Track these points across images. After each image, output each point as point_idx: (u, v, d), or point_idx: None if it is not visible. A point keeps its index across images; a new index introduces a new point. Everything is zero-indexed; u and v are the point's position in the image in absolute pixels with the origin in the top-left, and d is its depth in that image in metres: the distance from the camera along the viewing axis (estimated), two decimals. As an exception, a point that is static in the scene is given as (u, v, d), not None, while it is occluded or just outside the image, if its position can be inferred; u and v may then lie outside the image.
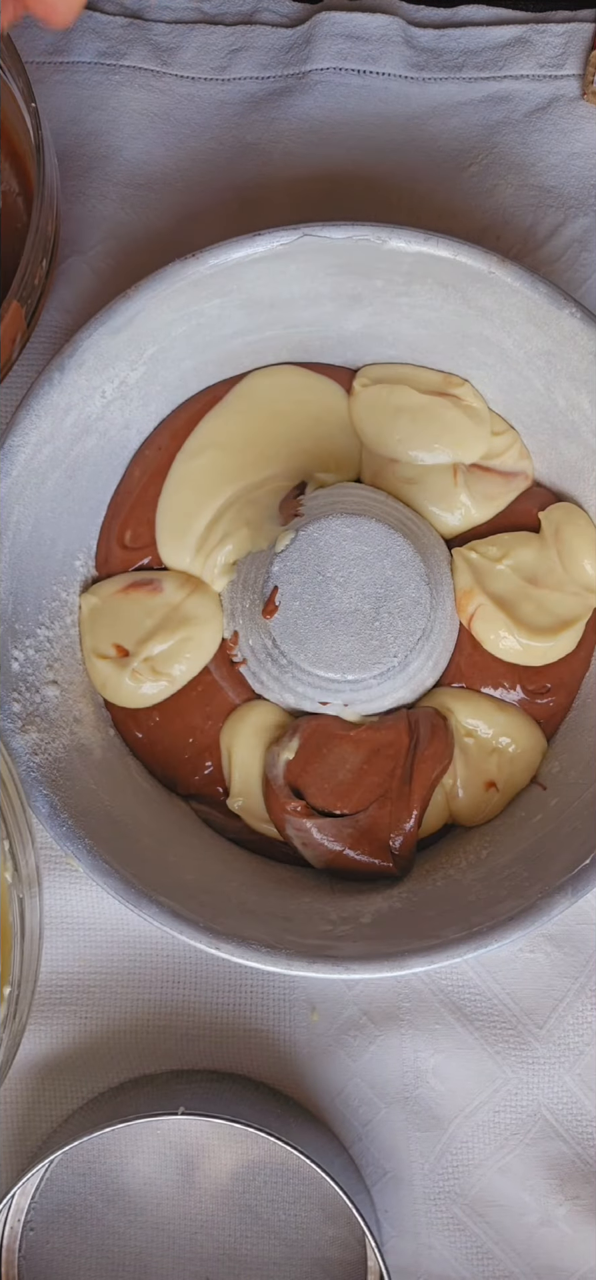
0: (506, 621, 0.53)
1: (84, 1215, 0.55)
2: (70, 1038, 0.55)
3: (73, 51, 0.61)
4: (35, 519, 0.53)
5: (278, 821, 0.53)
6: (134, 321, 0.52)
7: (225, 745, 0.54)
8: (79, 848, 0.49)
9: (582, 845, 0.49)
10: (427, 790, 0.52)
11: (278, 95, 0.61)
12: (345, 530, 0.53)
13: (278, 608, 0.52)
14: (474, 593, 0.54)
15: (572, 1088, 0.54)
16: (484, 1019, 0.55)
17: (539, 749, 0.54)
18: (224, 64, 0.61)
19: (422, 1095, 0.54)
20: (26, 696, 0.51)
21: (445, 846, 0.54)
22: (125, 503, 0.56)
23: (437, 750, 0.52)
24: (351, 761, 0.52)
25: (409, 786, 0.52)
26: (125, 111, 0.61)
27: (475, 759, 0.53)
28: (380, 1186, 0.54)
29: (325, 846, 0.52)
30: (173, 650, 0.54)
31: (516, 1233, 0.54)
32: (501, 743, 0.54)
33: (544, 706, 0.54)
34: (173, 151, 0.61)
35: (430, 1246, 0.54)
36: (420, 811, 0.52)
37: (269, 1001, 0.55)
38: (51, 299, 0.59)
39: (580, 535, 0.54)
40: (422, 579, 0.53)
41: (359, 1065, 0.55)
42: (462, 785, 0.53)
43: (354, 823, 0.52)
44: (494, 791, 0.53)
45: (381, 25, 0.61)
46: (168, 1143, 0.55)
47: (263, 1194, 0.54)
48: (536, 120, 0.61)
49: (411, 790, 0.52)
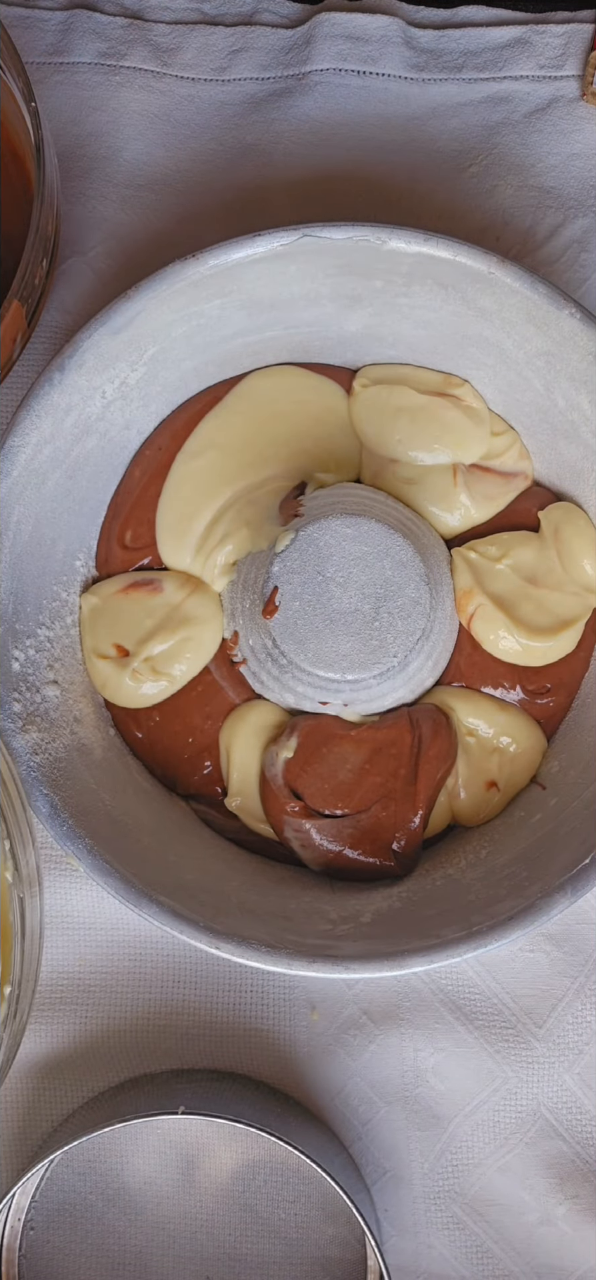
0: (506, 622, 0.53)
1: (84, 1214, 0.55)
2: (70, 1037, 0.55)
3: (73, 52, 0.61)
4: (36, 519, 0.53)
5: (275, 822, 0.53)
6: (134, 322, 0.52)
7: (224, 744, 0.54)
8: (79, 847, 0.49)
9: (582, 845, 0.49)
10: (433, 790, 0.52)
11: (278, 96, 0.61)
12: (345, 530, 0.53)
13: (278, 608, 0.52)
14: (473, 593, 0.54)
15: (572, 1087, 0.54)
16: (484, 1018, 0.55)
17: (539, 749, 0.54)
18: (224, 65, 0.61)
19: (422, 1094, 0.55)
20: (27, 696, 0.51)
21: (444, 846, 0.54)
22: (125, 503, 0.56)
23: (441, 749, 0.52)
24: (352, 761, 0.52)
25: (414, 786, 0.52)
26: (125, 112, 0.61)
27: (476, 758, 0.53)
28: (380, 1185, 0.54)
29: (324, 848, 0.52)
30: (173, 650, 0.54)
31: (516, 1232, 0.54)
32: (502, 742, 0.54)
33: (543, 706, 0.54)
34: (173, 152, 0.61)
35: (430, 1245, 0.54)
36: (426, 811, 0.52)
37: (269, 1001, 0.55)
38: (52, 299, 0.59)
39: (579, 535, 0.54)
40: (422, 579, 0.53)
41: (359, 1064, 0.55)
42: (464, 785, 0.53)
43: (355, 823, 0.52)
44: (495, 791, 0.53)
45: (381, 26, 0.61)
46: (168, 1142, 0.55)
47: (263, 1193, 0.54)
48: (536, 121, 0.61)
49: (416, 790, 0.52)
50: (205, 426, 0.56)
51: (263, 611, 0.53)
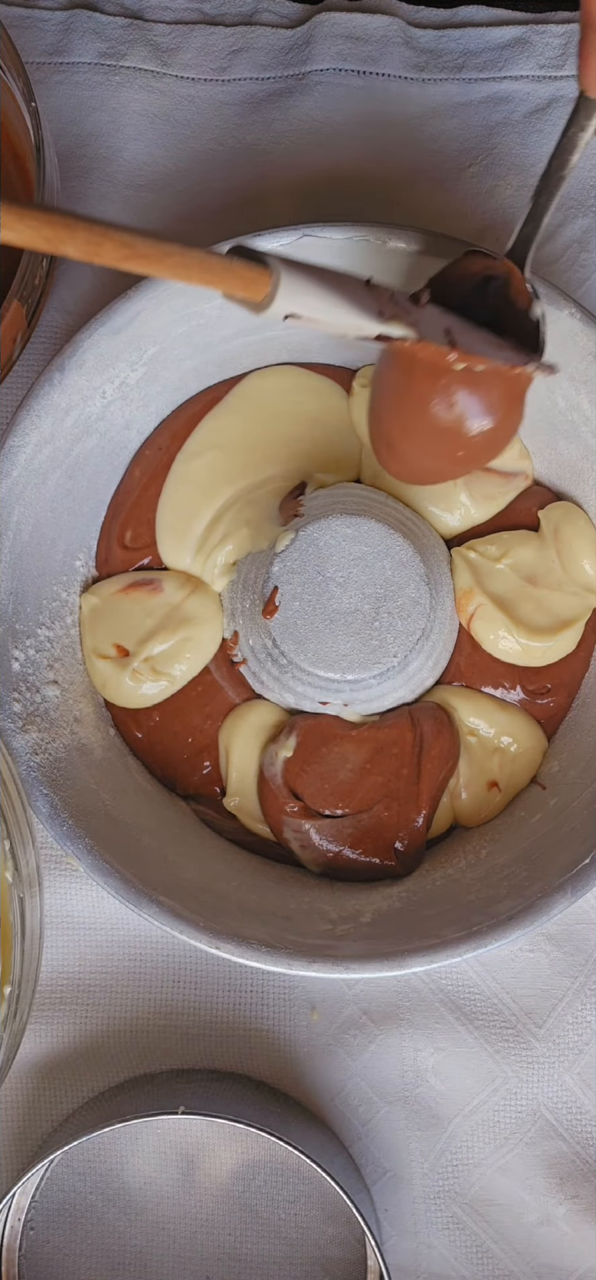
0: (506, 622, 0.53)
1: (84, 1214, 0.55)
2: (70, 1037, 0.55)
3: (73, 52, 0.61)
4: (36, 519, 0.53)
5: (274, 823, 0.53)
6: (134, 322, 0.52)
7: (223, 744, 0.54)
8: (79, 847, 0.49)
9: (582, 845, 0.49)
10: (438, 790, 0.52)
11: (278, 96, 0.61)
12: (345, 530, 0.53)
13: (278, 608, 0.52)
14: (473, 593, 0.54)
15: (572, 1087, 0.54)
16: (484, 1018, 0.55)
17: (540, 748, 0.54)
18: (224, 65, 0.61)
19: (422, 1094, 0.54)
20: (27, 696, 0.51)
21: (444, 846, 0.54)
22: (125, 503, 0.56)
23: (444, 748, 0.52)
24: (353, 761, 0.52)
25: (417, 786, 0.52)
26: (125, 112, 0.61)
27: (478, 758, 0.53)
28: (380, 1185, 0.54)
29: (324, 848, 0.52)
30: (173, 650, 0.54)
31: (516, 1232, 0.54)
32: (503, 742, 0.54)
33: (544, 707, 0.54)
34: (173, 152, 0.61)
35: (430, 1245, 0.54)
36: (430, 811, 0.52)
37: (269, 1001, 0.55)
38: (52, 299, 0.59)
39: (579, 535, 0.54)
40: (422, 579, 0.53)
41: (359, 1064, 0.55)
42: (465, 785, 0.53)
43: (355, 823, 0.52)
44: (496, 791, 0.53)
45: (381, 26, 0.61)
46: (168, 1142, 0.55)
47: (263, 1193, 0.54)
48: (536, 121, 0.61)
49: (420, 790, 0.52)
50: (205, 426, 0.56)
51: (263, 611, 0.53)
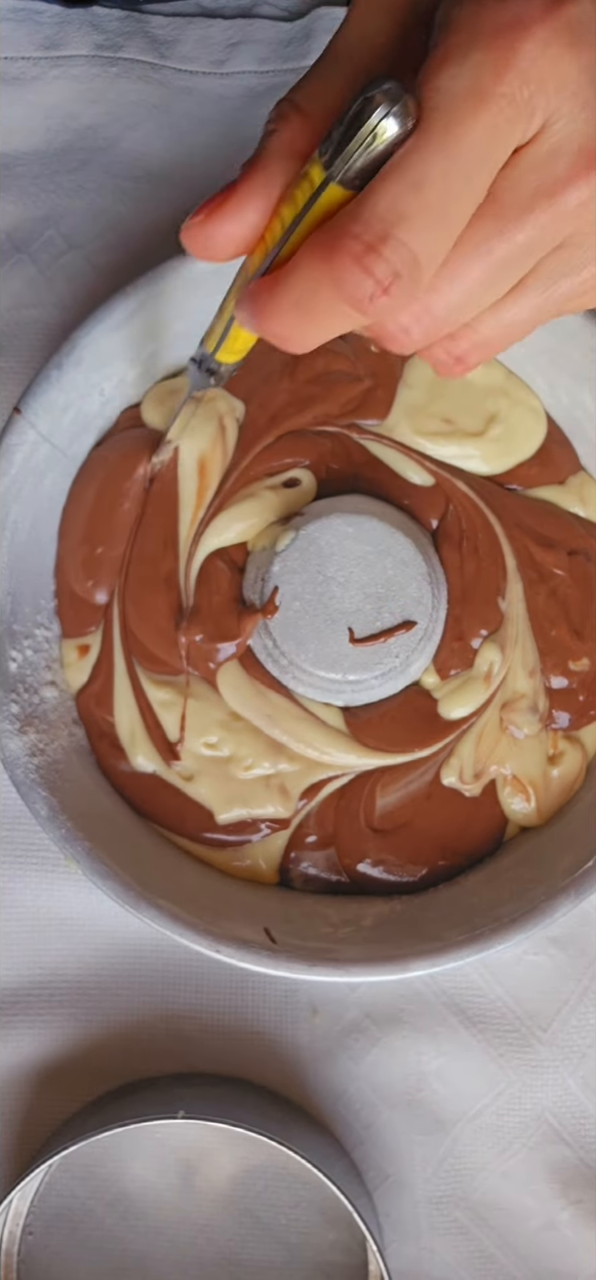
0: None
1: (83, 1219, 0.55)
2: (70, 1040, 0.55)
3: (70, 45, 0.61)
4: (33, 518, 0.52)
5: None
6: (132, 319, 0.52)
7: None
8: (78, 850, 0.48)
9: (585, 847, 0.49)
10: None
11: (277, 89, 0.60)
12: (346, 529, 0.52)
13: (278, 608, 0.52)
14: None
15: (576, 1091, 0.54)
16: (487, 1022, 0.54)
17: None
18: (223, 58, 0.61)
19: (425, 1099, 0.54)
20: (25, 698, 0.51)
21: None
22: (124, 501, 0.56)
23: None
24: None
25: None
26: (123, 104, 0.61)
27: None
28: (382, 1190, 0.54)
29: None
30: (172, 650, 0.54)
31: (519, 1237, 0.54)
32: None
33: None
34: (171, 145, 0.60)
35: (432, 1251, 0.54)
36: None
37: (270, 1004, 0.55)
38: (50, 296, 0.59)
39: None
40: (424, 578, 0.52)
41: (361, 1068, 0.54)
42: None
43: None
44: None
45: (381, 19, 0.60)
46: (167, 1147, 0.55)
47: (263, 1198, 0.54)
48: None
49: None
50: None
51: (263, 611, 0.52)
